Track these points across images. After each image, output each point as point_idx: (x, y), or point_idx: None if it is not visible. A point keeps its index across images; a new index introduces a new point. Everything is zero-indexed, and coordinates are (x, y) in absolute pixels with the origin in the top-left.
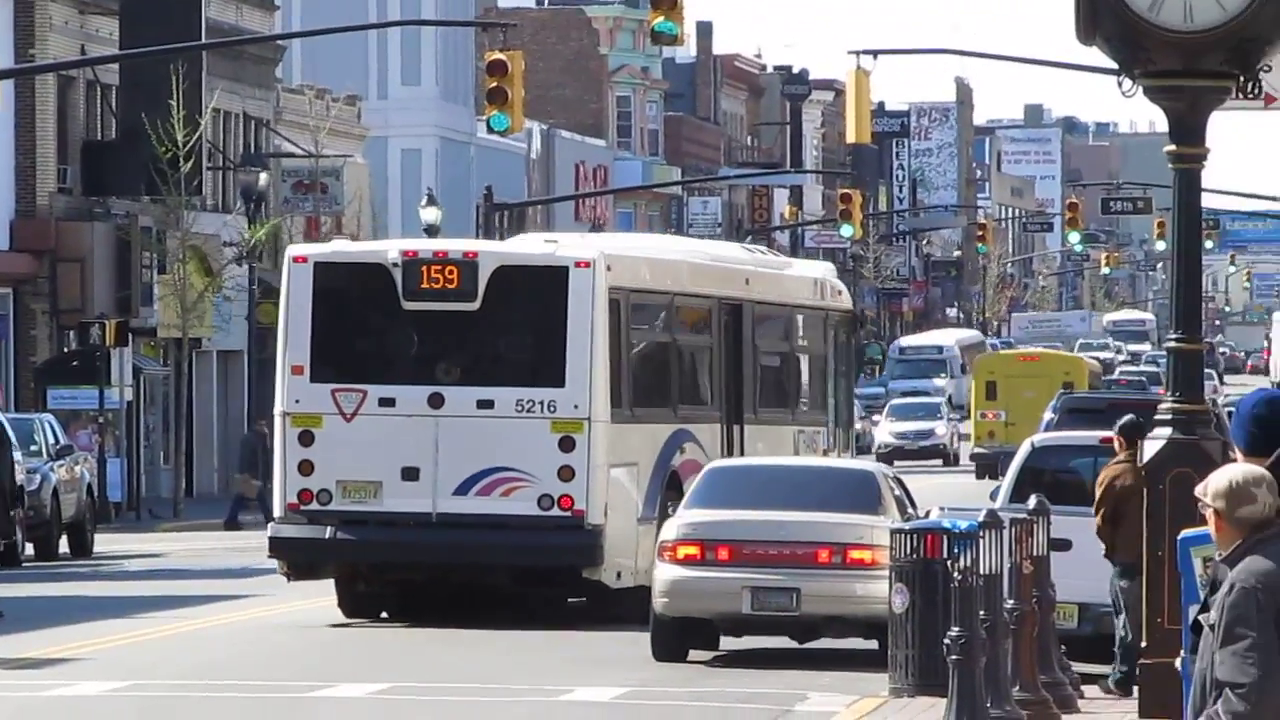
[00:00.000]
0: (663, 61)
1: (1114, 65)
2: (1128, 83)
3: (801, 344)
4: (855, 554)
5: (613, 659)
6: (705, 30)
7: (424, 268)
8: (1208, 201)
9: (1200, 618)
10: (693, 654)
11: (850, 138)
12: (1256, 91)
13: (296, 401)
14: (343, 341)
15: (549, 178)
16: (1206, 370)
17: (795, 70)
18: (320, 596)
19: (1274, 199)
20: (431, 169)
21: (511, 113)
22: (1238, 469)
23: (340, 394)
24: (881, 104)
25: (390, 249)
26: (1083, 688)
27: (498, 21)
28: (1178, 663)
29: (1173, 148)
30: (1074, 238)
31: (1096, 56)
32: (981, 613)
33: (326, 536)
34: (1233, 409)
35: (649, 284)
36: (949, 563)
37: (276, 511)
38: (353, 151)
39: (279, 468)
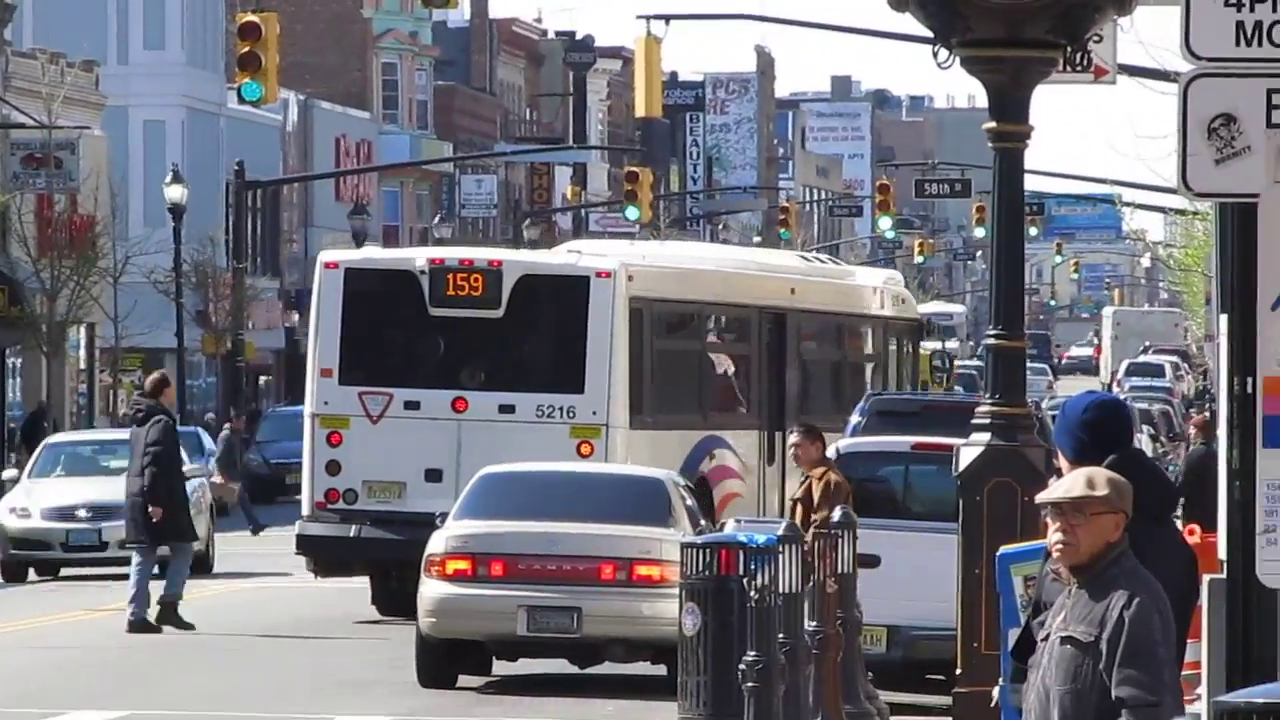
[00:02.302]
0: (433, 26)
1: (929, 34)
2: (944, 53)
3: (856, 351)
4: (642, 570)
5: (375, 683)
6: None
7: (450, 275)
8: (1031, 184)
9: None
10: (462, 679)
11: (639, 111)
12: (1085, 63)
13: (325, 403)
14: (370, 346)
15: (307, 153)
16: (1040, 367)
17: (579, 36)
18: (61, 612)
19: (1103, 181)
20: (177, 142)
21: (265, 81)
22: (1095, 470)
23: (367, 397)
24: (674, 74)
25: (418, 256)
26: (892, 718)
27: None
28: (995, 691)
29: (993, 125)
30: (885, 223)
31: (910, 24)
32: (781, 635)
33: (352, 535)
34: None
35: (676, 294)
36: (745, 580)
37: (304, 510)
38: (90, 123)
39: (307, 468)
